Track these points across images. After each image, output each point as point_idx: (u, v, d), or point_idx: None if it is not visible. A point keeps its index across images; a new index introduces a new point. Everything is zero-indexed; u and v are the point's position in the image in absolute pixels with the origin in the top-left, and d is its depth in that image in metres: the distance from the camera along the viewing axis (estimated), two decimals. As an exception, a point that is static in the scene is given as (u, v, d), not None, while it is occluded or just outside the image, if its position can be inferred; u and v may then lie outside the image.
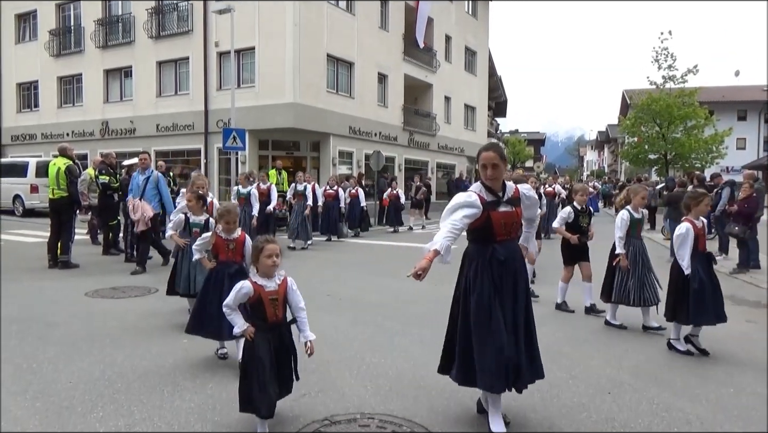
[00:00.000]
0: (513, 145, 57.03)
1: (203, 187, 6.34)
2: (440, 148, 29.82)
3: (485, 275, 3.40)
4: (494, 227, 3.39)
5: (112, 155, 11.60)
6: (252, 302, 3.32)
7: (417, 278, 3.02)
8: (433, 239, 3.17)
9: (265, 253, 3.29)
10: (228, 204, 4.86)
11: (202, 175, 7.07)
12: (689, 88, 27.84)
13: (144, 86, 23.36)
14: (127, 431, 3.44)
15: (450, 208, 3.37)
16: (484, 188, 3.44)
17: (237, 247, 4.66)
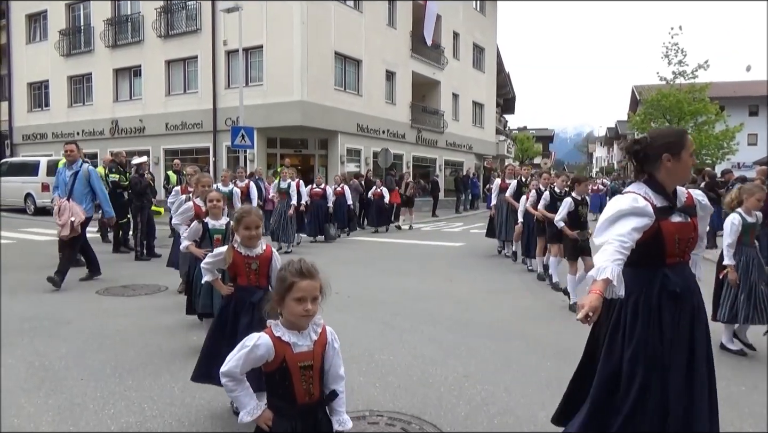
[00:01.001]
0: (521, 142, 56.77)
1: (209, 186, 5.69)
2: (448, 146, 29.76)
3: (652, 316, 2.47)
4: (666, 244, 2.48)
5: (122, 154, 11.68)
6: (271, 370, 2.09)
7: (587, 321, 2.20)
8: (596, 262, 2.34)
9: (294, 293, 2.04)
10: (247, 206, 3.85)
11: (207, 174, 6.63)
12: (700, 83, 27.61)
13: (153, 85, 23.48)
14: (138, 430, 3.48)
15: (610, 219, 2.47)
16: (651, 189, 2.54)
17: (261, 266, 3.48)
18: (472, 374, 4.47)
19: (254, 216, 3.42)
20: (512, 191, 10.34)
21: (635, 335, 2.46)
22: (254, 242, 3.44)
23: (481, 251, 12.09)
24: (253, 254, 3.48)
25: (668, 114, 27.75)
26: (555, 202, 7.83)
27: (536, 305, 7.14)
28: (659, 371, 2.41)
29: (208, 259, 3.73)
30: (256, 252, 3.48)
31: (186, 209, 5.64)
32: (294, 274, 2.05)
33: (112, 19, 24.57)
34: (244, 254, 3.46)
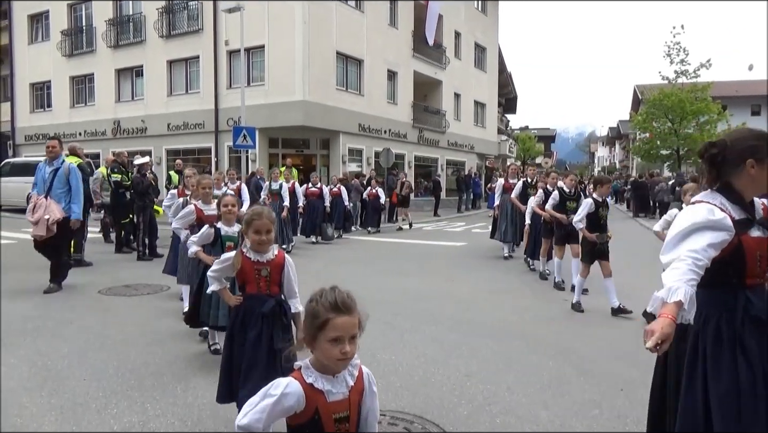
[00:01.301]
0: (523, 142, 56.71)
1: (210, 188, 5.56)
2: (450, 145, 29.75)
3: (735, 345, 2.16)
4: (747, 263, 2.18)
5: (124, 154, 11.70)
6: (300, 422, 1.78)
7: (656, 350, 1.94)
8: (665, 282, 2.05)
9: (329, 332, 1.72)
10: (259, 207, 3.38)
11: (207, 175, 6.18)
12: (702, 82, 27.56)
13: (155, 85, 23.51)
14: (140, 430, 3.48)
15: (683, 232, 2.17)
16: (728, 199, 2.23)
17: (273, 273, 3.25)
18: (474, 374, 4.47)
19: (266, 219, 3.15)
20: (518, 192, 10.08)
21: (722, 367, 2.14)
22: (265, 247, 3.20)
23: (483, 250, 12.08)
24: (264, 260, 3.23)
25: (670, 113, 27.70)
26: (564, 202, 7.75)
27: (538, 305, 7.14)
28: (754, 407, 2.10)
29: (215, 266, 3.48)
30: (267, 257, 3.23)
31: (187, 213, 5.41)
32: (328, 309, 1.72)
33: (114, 20, 24.60)
34: (253, 260, 3.22)
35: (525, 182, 10.24)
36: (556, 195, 7.90)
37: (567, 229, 7.57)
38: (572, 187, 7.98)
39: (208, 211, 5.36)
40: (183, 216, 5.46)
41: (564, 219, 7.57)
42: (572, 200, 7.81)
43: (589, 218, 6.72)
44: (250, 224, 3.16)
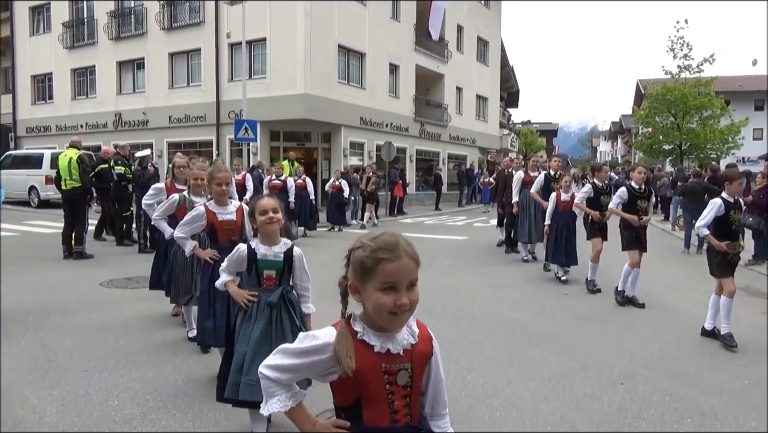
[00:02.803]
0: (525, 136, 56.60)
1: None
2: (452, 139, 29.69)
3: None
4: None
5: (126, 147, 11.69)
6: None
7: None
8: None
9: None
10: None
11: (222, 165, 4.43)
12: (705, 77, 27.41)
13: (156, 78, 23.46)
14: (142, 421, 3.49)
15: None
16: None
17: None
18: (474, 368, 4.47)
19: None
20: (539, 186, 9.08)
21: None
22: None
23: (484, 245, 12.08)
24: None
25: (673, 108, 27.57)
26: (635, 201, 6.63)
27: (540, 299, 7.14)
28: None
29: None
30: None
31: (195, 218, 4.07)
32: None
33: (115, 12, 24.52)
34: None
35: (547, 175, 9.17)
36: (624, 193, 6.68)
37: (638, 231, 6.69)
38: (640, 183, 6.81)
39: (223, 215, 4.01)
40: (189, 222, 4.13)
41: (635, 220, 6.53)
42: (643, 199, 6.72)
43: (719, 223, 5.41)
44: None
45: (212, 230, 4.04)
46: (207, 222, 4.00)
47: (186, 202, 4.86)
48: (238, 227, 4.03)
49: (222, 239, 4.01)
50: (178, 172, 5.67)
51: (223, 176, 4.00)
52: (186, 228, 4.16)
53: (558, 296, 7.30)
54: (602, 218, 7.18)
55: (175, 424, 3.44)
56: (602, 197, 7.36)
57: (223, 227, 4.01)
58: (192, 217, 4.11)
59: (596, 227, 7.30)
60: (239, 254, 3.13)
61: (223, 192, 3.99)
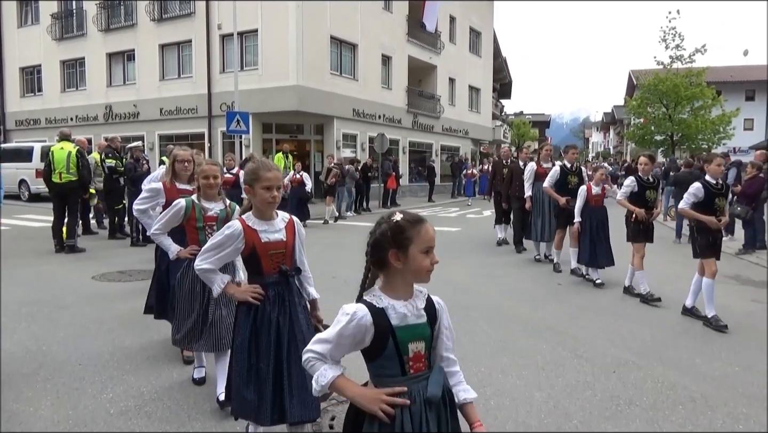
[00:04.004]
0: (518, 127, 56.69)
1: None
2: (444, 131, 29.67)
3: None
4: None
5: (117, 139, 11.61)
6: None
7: None
8: None
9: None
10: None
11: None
12: (697, 68, 27.55)
13: (147, 70, 23.27)
14: (137, 414, 3.49)
15: None
16: None
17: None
18: (468, 357, 4.50)
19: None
20: (553, 180, 8.11)
21: None
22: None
23: (478, 236, 12.12)
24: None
25: (665, 99, 27.72)
26: (712, 199, 5.57)
27: (533, 289, 7.17)
28: None
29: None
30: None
31: (229, 239, 2.71)
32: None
33: (105, 3, 24.24)
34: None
35: (563, 168, 8.14)
36: (699, 190, 5.57)
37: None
38: (718, 177, 5.84)
39: (270, 233, 2.72)
40: (219, 246, 2.75)
41: (714, 222, 5.53)
42: (721, 196, 5.78)
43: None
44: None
45: (253, 255, 2.68)
46: (245, 244, 2.67)
47: (196, 210, 3.65)
48: (289, 250, 2.75)
49: (268, 269, 2.69)
50: (180, 168, 4.42)
51: (275, 176, 2.68)
52: (214, 256, 2.75)
53: (551, 286, 7.34)
54: (648, 217, 6.40)
55: (171, 415, 3.44)
56: (648, 192, 6.49)
57: (269, 250, 2.68)
58: (225, 238, 2.69)
59: (641, 227, 6.41)
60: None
61: (273, 200, 2.66)
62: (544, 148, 9.59)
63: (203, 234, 3.67)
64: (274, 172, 2.67)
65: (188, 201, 3.70)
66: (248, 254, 2.69)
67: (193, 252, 3.50)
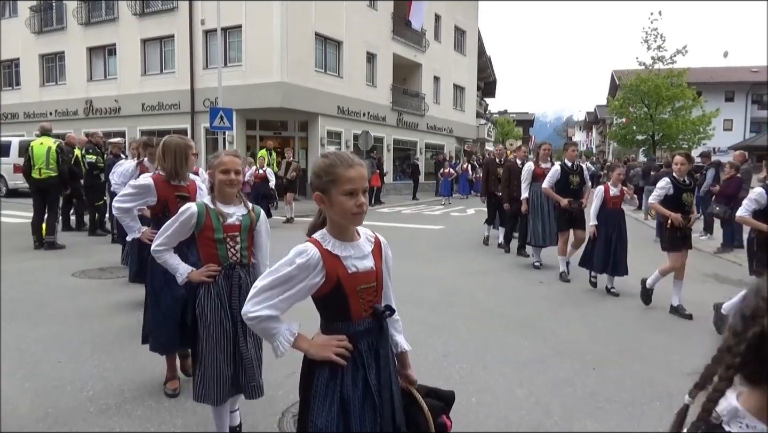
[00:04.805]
0: (502, 126, 57.02)
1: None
2: (429, 129, 29.73)
3: None
4: None
5: (98, 134, 11.46)
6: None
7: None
8: None
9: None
10: None
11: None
12: (678, 68, 27.94)
13: (128, 64, 22.97)
14: (117, 412, 3.46)
15: None
16: None
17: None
18: (451, 353, 4.53)
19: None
20: (553, 180, 7.62)
21: None
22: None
23: (462, 234, 12.17)
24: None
25: (647, 99, 28.07)
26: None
27: (516, 287, 7.23)
28: None
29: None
30: None
31: (303, 270, 1.80)
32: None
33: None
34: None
35: (564, 166, 7.64)
36: (763, 196, 5.25)
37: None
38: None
39: (358, 260, 1.90)
40: (291, 279, 1.82)
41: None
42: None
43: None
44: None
45: (337, 294, 1.84)
46: (326, 278, 1.82)
47: (212, 217, 2.85)
48: (380, 282, 1.93)
49: (357, 312, 1.87)
50: (191, 164, 3.81)
51: (360, 174, 1.83)
52: (278, 296, 1.82)
53: (533, 284, 7.40)
54: (686, 223, 5.79)
55: (151, 414, 3.42)
56: (684, 195, 5.87)
57: (359, 285, 1.86)
58: (296, 269, 1.80)
59: (678, 234, 5.82)
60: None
61: (360, 210, 1.81)
62: (542, 148, 8.88)
63: (224, 248, 2.86)
64: (358, 169, 1.82)
65: (200, 205, 2.88)
66: (329, 291, 1.82)
67: (212, 274, 2.83)
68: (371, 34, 24.17)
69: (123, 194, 3.74)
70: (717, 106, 33.00)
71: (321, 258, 1.80)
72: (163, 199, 3.60)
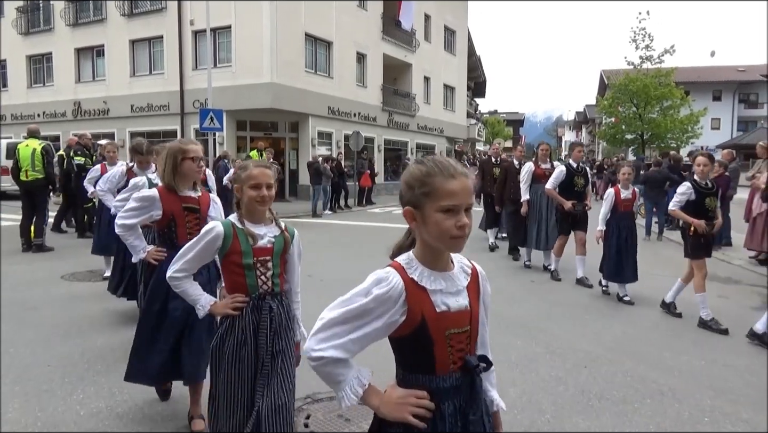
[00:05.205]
0: (492, 126, 57.24)
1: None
2: (419, 129, 29.77)
3: None
4: None
5: (86, 136, 11.37)
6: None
7: None
8: None
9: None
10: None
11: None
12: (666, 68, 28.17)
13: (117, 66, 22.82)
14: (108, 415, 3.44)
15: None
16: None
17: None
18: (443, 354, 4.53)
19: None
20: (557, 181, 7.33)
21: None
22: None
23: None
24: None
25: (635, 98, 28.29)
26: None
27: (507, 286, 7.26)
28: None
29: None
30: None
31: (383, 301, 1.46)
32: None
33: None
34: None
35: (569, 168, 7.38)
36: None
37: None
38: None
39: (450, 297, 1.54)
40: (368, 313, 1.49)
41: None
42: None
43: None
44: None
45: (422, 337, 1.50)
46: (407, 315, 1.48)
47: (240, 239, 2.46)
48: (475, 327, 1.59)
49: (444, 364, 1.53)
50: (188, 169, 3.22)
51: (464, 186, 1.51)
52: (348, 335, 1.51)
53: (525, 283, 7.43)
54: (710, 230, 5.43)
55: (143, 417, 3.40)
56: (707, 199, 5.47)
57: (448, 328, 1.51)
58: (373, 301, 1.47)
59: (701, 241, 5.46)
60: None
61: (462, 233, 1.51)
62: (541, 148, 8.63)
63: (253, 276, 2.46)
64: (461, 181, 1.46)
65: (227, 225, 2.48)
66: (409, 333, 1.49)
67: (238, 306, 2.44)
68: (361, 35, 24.17)
69: (127, 209, 3.33)
70: (704, 105, 33.34)
71: (404, 289, 1.45)
72: (168, 213, 3.19)
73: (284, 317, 2.50)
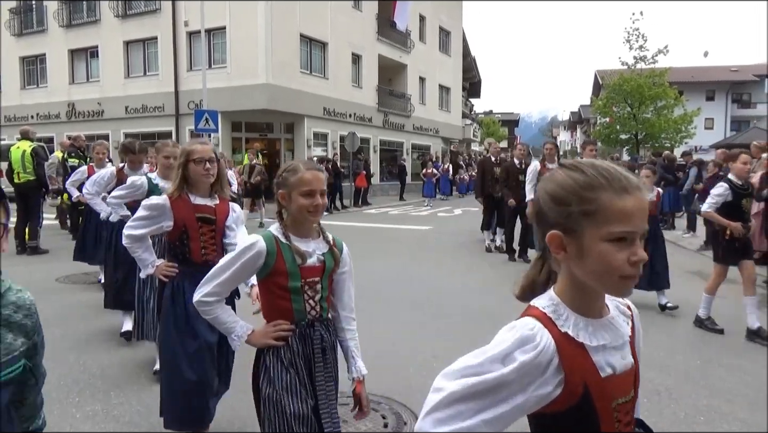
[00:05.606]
0: (487, 126, 57.31)
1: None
2: (415, 129, 29.80)
3: None
4: None
5: (81, 138, 11.31)
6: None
7: None
8: None
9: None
10: None
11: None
12: (659, 68, 28.26)
13: (111, 67, 22.75)
14: (104, 417, 3.42)
15: None
16: None
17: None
18: (440, 355, 4.53)
19: None
20: None
21: None
22: None
23: (449, 234, 12.20)
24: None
25: (630, 99, 28.36)
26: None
27: (503, 286, 7.26)
28: None
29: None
30: None
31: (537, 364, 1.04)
32: None
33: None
34: None
35: None
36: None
37: None
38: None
39: (611, 355, 1.14)
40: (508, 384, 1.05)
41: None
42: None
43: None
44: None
45: (581, 411, 1.07)
46: (565, 387, 1.05)
47: (285, 257, 2.04)
48: (637, 388, 1.24)
49: None
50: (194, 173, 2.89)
51: (641, 204, 1.05)
52: (483, 412, 1.06)
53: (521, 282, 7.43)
54: (746, 233, 5.03)
55: (140, 420, 3.39)
56: (744, 201, 5.12)
57: (617, 397, 1.14)
58: (517, 373, 1.05)
59: (736, 246, 5.04)
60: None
61: (636, 267, 1.05)
62: (547, 147, 8.35)
63: (300, 301, 2.06)
64: (637, 197, 1.04)
65: (269, 240, 2.03)
66: (565, 409, 1.08)
67: (282, 336, 2.03)
68: (356, 35, 24.18)
69: (135, 218, 3.00)
70: (698, 105, 33.44)
71: (557, 350, 1.05)
72: (180, 223, 2.87)
73: (330, 346, 2.17)
